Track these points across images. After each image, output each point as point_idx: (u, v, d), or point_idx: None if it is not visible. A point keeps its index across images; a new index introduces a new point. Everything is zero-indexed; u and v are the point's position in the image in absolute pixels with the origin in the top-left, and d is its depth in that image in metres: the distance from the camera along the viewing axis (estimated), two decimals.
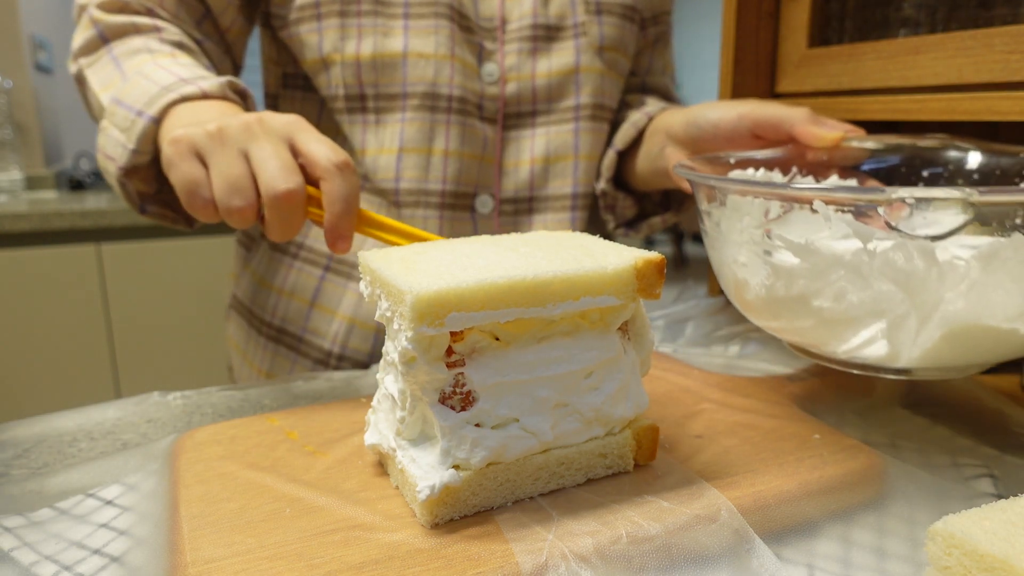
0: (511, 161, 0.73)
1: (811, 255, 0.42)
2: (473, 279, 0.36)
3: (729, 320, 0.78)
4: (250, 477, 0.43)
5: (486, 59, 0.70)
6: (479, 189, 0.72)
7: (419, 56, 0.67)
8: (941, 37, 0.61)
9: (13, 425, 0.56)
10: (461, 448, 0.38)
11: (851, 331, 0.43)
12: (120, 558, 0.38)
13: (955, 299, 0.39)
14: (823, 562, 0.38)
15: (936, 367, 0.45)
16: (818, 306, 0.43)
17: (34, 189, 2.16)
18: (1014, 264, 0.38)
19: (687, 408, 0.52)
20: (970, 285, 0.39)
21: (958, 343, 0.42)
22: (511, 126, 0.72)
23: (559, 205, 0.75)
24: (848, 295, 0.41)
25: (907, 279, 0.39)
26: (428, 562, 0.35)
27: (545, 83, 0.72)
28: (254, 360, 0.78)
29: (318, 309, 0.73)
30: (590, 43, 0.72)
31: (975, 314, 0.40)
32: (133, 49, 0.63)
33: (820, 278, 0.42)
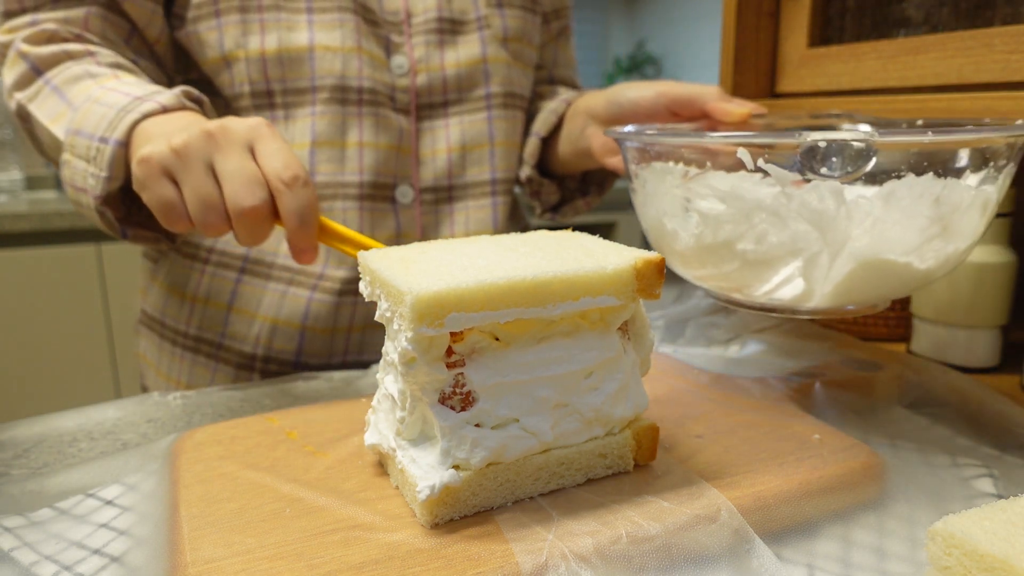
0: (428, 151, 0.73)
1: (736, 200, 0.46)
2: (473, 279, 0.36)
3: (729, 320, 0.78)
4: (250, 477, 0.43)
5: (394, 52, 0.71)
6: (398, 180, 0.72)
7: (325, 49, 0.67)
8: (941, 37, 0.61)
9: (13, 425, 0.56)
10: (461, 448, 0.38)
11: (771, 271, 0.47)
12: (120, 558, 0.38)
13: (861, 235, 0.44)
14: (823, 562, 0.38)
15: (843, 304, 0.49)
16: (742, 249, 0.47)
17: (34, 189, 2.16)
18: (908, 202, 0.44)
19: (687, 408, 0.52)
20: (873, 222, 0.44)
21: (863, 278, 0.46)
22: (425, 116, 0.73)
23: (479, 192, 0.76)
24: (769, 236, 0.46)
25: (820, 218, 0.44)
26: (428, 562, 0.35)
27: (455, 73, 0.73)
28: (170, 373, 0.76)
29: (236, 313, 0.72)
30: (494, 35, 0.74)
31: (877, 249, 0.45)
32: (73, 76, 0.62)
33: (744, 221, 0.46)
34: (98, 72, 0.62)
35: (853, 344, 0.69)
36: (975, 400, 0.56)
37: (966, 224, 0.46)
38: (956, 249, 0.46)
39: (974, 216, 0.46)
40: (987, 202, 0.46)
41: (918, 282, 0.48)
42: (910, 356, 0.66)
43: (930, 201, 0.44)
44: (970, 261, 0.62)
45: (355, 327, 0.72)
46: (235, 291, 0.72)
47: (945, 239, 0.45)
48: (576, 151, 0.76)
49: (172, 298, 0.75)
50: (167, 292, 0.76)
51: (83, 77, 0.62)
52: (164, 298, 0.76)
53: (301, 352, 0.72)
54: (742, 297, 0.52)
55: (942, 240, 0.45)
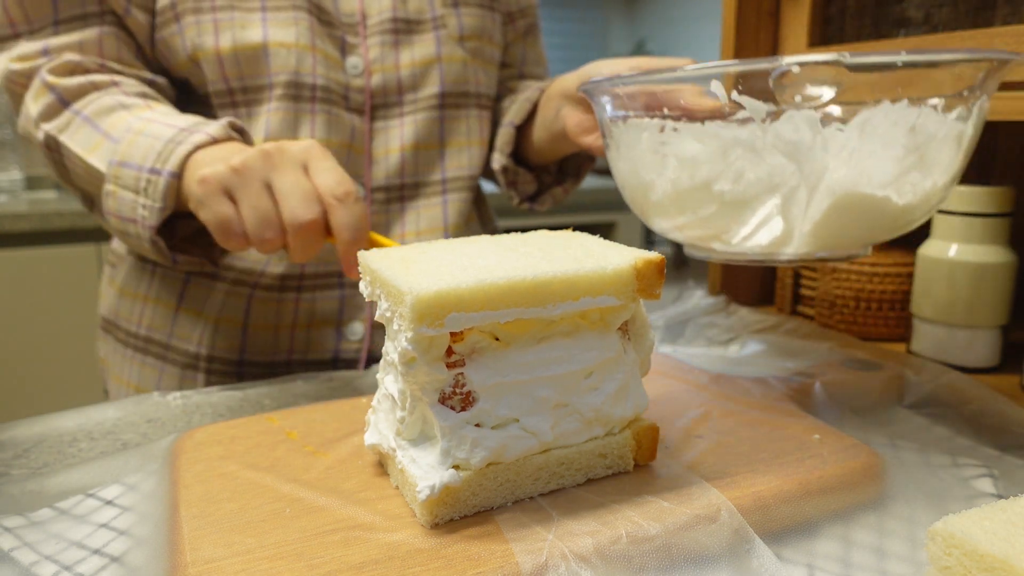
0: (381, 150, 0.74)
1: (712, 138, 0.46)
2: (473, 279, 0.36)
3: (729, 320, 0.78)
4: (250, 477, 0.43)
5: (349, 52, 0.71)
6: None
7: (280, 45, 0.68)
8: (941, 37, 0.61)
9: (13, 425, 0.56)
10: (461, 448, 0.38)
11: (749, 212, 0.47)
12: (120, 558, 0.38)
13: (838, 167, 0.44)
14: (823, 562, 0.38)
15: (822, 248, 0.48)
16: (719, 190, 0.47)
17: (34, 189, 2.16)
18: (884, 129, 0.43)
19: (687, 408, 0.52)
20: (850, 152, 0.43)
21: (842, 216, 0.46)
22: (379, 116, 0.73)
23: (430, 191, 0.76)
24: (746, 174, 0.45)
25: (796, 150, 0.44)
26: (428, 562, 0.35)
27: (409, 73, 0.74)
28: (122, 375, 0.76)
29: (183, 312, 0.72)
30: (449, 34, 0.75)
31: (855, 181, 0.44)
32: (105, 107, 0.63)
33: (720, 160, 0.46)
34: (130, 103, 0.63)
35: (853, 344, 0.69)
36: (975, 400, 0.56)
37: (943, 156, 0.45)
38: (934, 184, 0.46)
39: (950, 149, 0.45)
40: (962, 136, 0.45)
41: (897, 220, 0.48)
42: (910, 356, 0.66)
43: (905, 129, 0.43)
44: (970, 261, 0.62)
45: (299, 324, 0.72)
46: (183, 292, 0.73)
47: (922, 172, 0.45)
48: (551, 135, 0.75)
49: (124, 298, 0.76)
50: (119, 293, 0.76)
51: (116, 108, 0.63)
52: (117, 299, 0.77)
53: (245, 350, 0.72)
54: (721, 246, 0.51)
55: (919, 173, 0.45)
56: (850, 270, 0.73)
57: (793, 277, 0.80)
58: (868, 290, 0.72)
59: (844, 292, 0.73)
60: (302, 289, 0.72)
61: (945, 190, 0.48)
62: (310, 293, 0.72)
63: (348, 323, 0.74)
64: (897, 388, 0.59)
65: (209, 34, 0.67)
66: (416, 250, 0.44)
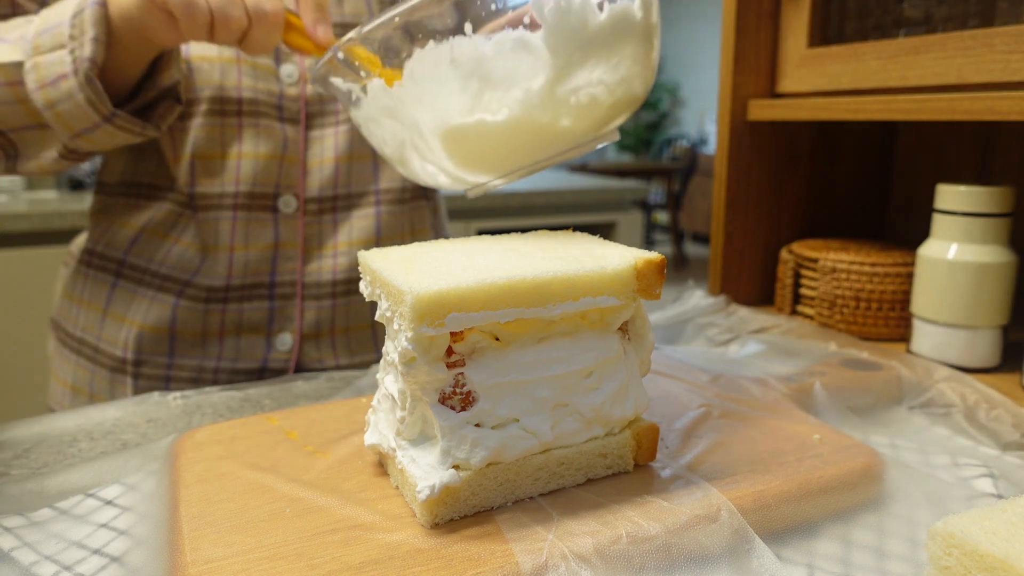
0: (315, 160, 0.73)
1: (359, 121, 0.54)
2: (473, 279, 0.36)
3: (729, 320, 0.78)
4: (250, 477, 0.43)
5: (284, 60, 0.71)
6: (281, 189, 0.72)
7: (202, 60, 0.67)
8: (941, 37, 0.61)
9: (13, 425, 0.56)
10: (461, 448, 0.38)
11: (409, 161, 0.53)
12: (120, 558, 0.38)
13: (422, 112, 0.48)
14: (823, 562, 0.38)
15: (475, 175, 0.52)
16: (388, 154, 0.54)
17: (34, 189, 2.16)
18: (429, 72, 0.46)
19: (687, 408, 0.52)
20: (418, 100, 0.47)
21: (460, 145, 0.49)
22: (315, 125, 0.73)
23: (364, 202, 0.76)
24: (385, 136, 0.52)
25: (392, 111, 0.49)
26: (428, 562, 0.35)
27: None
28: (59, 373, 0.76)
29: (111, 317, 0.72)
30: None
31: (443, 117, 0.47)
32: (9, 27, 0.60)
33: (367, 132, 0.54)
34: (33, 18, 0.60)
35: (853, 344, 0.69)
36: (975, 400, 0.56)
37: (512, 68, 0.45)
38: (527, 91, 0.46)
39: (519, 56, 0.45)
40: (523, 40, 0.45)
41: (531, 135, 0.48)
42: (910, 356, 0.66)
43: (447, 65, 0.46)
44: (970, 261, 0.62)
45: (227, 332, 0.72)
46: (111, 295, 0.72)
47: (499, 89, 0.46)
48: None
49: (64, 300, 0.76)
50: (62, 295, 0.77)
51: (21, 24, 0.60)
52: (60, 300, 0.77)
53: (173, 355, 0.72)
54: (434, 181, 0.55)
55: (496, 91, 0.46)
56: (850, 270, 0.73)
57: (793, 277, 0.81)
58: (868, 290, 0.72)
59: (844, 292, 0.73)
60: (228, 300, 0.72)
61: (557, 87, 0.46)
62: (236, 304, 0.72)
63: (278, 333, 0.74)
64: (897, 388, 0.59)
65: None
66: (416, 250, 0.44)
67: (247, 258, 0.71)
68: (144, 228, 0.72)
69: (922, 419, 0.55)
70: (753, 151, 0.82)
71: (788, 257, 0.81)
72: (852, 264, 0.73)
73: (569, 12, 0.45)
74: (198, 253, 0.71)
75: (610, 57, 0.47)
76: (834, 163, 0.88)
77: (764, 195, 0.85)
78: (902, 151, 0.90)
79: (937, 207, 0.65)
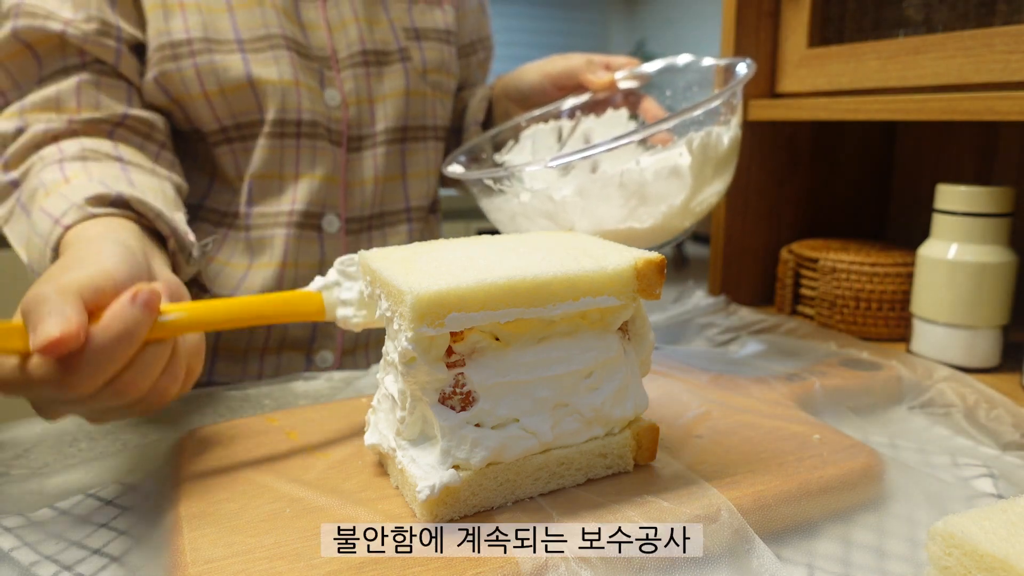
0: (356, 181, 0.76)
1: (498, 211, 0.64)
2: (473, 279, 0.36)
3: (729, 320, 0.78)
4: (250, 477, 0.43)
5: (327, 85, 0.73)
6: (326, 209, 0.74)
7: (265, 83, 0.68)
8: (941, 37, 0.61)
9: (13, 425, 0.56)
10: (461, 448, 0.38)
11: None
12: (120, 558, 0.38)
13: (581, 219, 0.59)
14: (823, 562, 0.38)
15: None
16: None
17: None
18: (596, 190, 0.57)
19: (687, 408, 0.52)
20: (581, 210, 0.58)
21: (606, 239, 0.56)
22: (354, 148, 0.75)
23: (396, 219, 0.80)
24: (531, 227, 0.61)
25: (548, 214, 0.59)
26: (428, 562, 0.35)
27: (382, 105, 0.76)
28: None
29: None
30: (414, 67, 0.78)
31: (599, 223, 0.59)
32: (30, 191, 0.58)
33: (511, 223, 0.64)
34: (49, 181, 0.57)
35: (853, 344, 0.69)
36: (975, 400, 0.56)
37: (667, 188, 0.58)
38: (670, 207, 0.58)
39: (669, 181, 0.58)
40: (677, 168, 0.57)
41: (655, 234, 0.60)
42: (910, 356, 0.66)
43: (615, 187, 0.57)
44: (970, 261, 0.62)
45: (269, 349, 0.73)
46: None
47: (651, 205, 0.58)
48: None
49: None
50: None
51: (38, 189, 0.57)
52: None
53: (213, 373, 0.73)
54: None
55: (648, 207, 0.58)
56: (850, 270, 0.73)
57: (793, 277, 0.81)
58: (868, 290, 0.72)
59: (844, 292, 0.73)
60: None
61: (692, 202, 0.59)
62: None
63: (318, 351, 0.75)
64: (897, 388, 0.59)
65: (193, 80, 0.66)
66: (416, 250, 0.44)
67: (296, 275, 0.73)
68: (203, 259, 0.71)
69: (922, 419, 0.55)
70: (753, 151, 0.82)
71: (788, 257, 0.81)
72: (852, 264, 0.73)
73: (708, 145, 0.58)
74: (246, 271, 0.72)
75: (726, 172, 0.62)
76: (834, 163, 0.88)
77: (764, 195, 0.85)
78: (902, 151, 0.90)
79: (937, 207, 0.65)
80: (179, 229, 0.56)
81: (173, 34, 0.66)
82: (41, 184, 0.57)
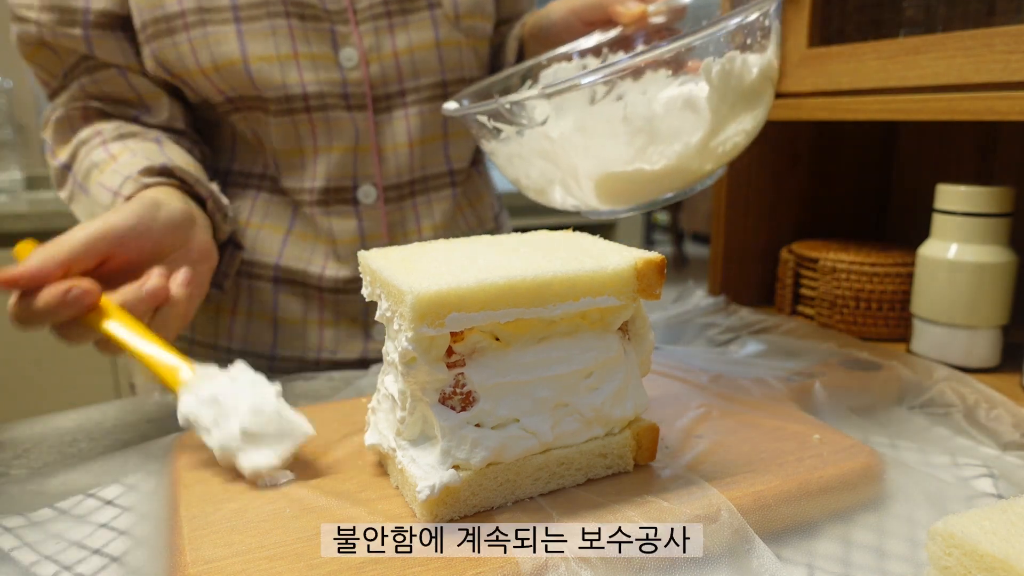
0: (389, 146, 0.71)
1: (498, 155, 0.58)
2: (473, 279, 0.36)
3: (729, 320, 0.78)
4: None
5: (342, 44, 0.67)
6: (359, 180, 0.71)
7: (260, 60, 0.65)
8: (941, 37, 0.61)
9: (13, 425, 0.56)
10: (461, 448, 0.38)
11: (550, 193, 0.57)
12: (120, 558, 0.38)
13: (582, 160, 0.52)
14: (823, 562, 0.38)
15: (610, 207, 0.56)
16: (523, 184, 0.58)
17: (34, 189, 2.16)
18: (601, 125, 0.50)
19: (687, 408, 0.52)
20: (583, 149, 0.51)
21: (614, 185, 0.53)
22: (382, 109, 0.70)
23: (439, 183, 0.75)
24: (529, 172, 0.56)
25: (547, 155, 0.53)
26: (428, 562, 0.35)
27: (408, 59, 0.70)
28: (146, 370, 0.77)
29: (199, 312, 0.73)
30: (445, 14, 0.71)
31: (604, 165, 0.51)
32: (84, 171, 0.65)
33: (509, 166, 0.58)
34: (99, 160, 0.64)
35: (853, 344, 0.69)
36: (975, 400, 0.56)
37: (677, 125, 0.50)
38: (686, 145, 0.50)
39: (684, 116, 0.50)
40: (691, 100, 0.50)
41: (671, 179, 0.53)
42: (910, 356, 0.66)
43: (619, 122, 0.50)
44: (970, 261, 0.62)
45: (326, 322, 0.73)
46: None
47: (662, 143, 0.50)
48: None
49: None
50: None
51: (91, 170, 0.64)
52: None
53: (276, 345, 0.73)
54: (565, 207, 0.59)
55: (659, 145, 0.50)
56: (850, 270, 0.73)
57: (793, 277, 0.81)
58: (868, 290, 0.72)
59: (844, 292, 0.73)
60: (323, 290, 0.72)
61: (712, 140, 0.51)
62: (332, 295, 0.72)
63: (374, 324, 0.74)
64: (897, 388, 0.59)
65: (188, 55, 0.64)
66: (416, 250, 0.44)
67: (337, 251, 0.71)
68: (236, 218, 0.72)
69: (922, 419, 0.55)
70: (753, 151, 0.82)
71: (788, 257, 0.81)
72: (852, 264, 0.73)
73: (731, 74, 0.49)
74: (285, 236, 0.72)
75: (756, 108, 0.53)
76: (834, 163, 0.88)
77: (764, 195, 0.85)
78: (902, 151, 0.89)
79: (937, 207, 0.65)
80: (214, 191, 0.62)
81: (167, 6, 0.63)
82: (92, 164, 0.64)
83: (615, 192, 0.53)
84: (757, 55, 0.51)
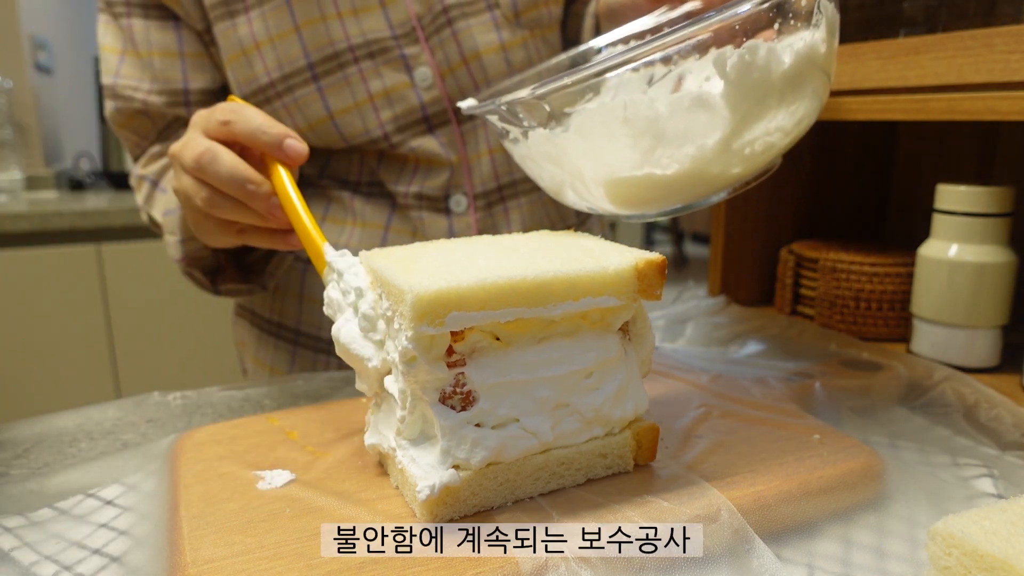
0: (474, 155, 0.72)
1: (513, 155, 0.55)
2: (473, 279, 0.36)
3: (729, 320, 0.78)
4: (250, 477, 0.43)
5: (415, 65, 0.69)
6: (451, 190, 0.72)
7: (343, 113, 0.68)
8: (941, 37, 0.61)
9: (13, 425, 0.56)
10: (461, 448, 0.38)
11: (563, 196, 0.54)
12: (120, 558, 0.38)
13: (587, 164, 0.48)
14: (823, 562, 0.38)
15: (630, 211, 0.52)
16: (544, 185, 0.55)
17: (34, 189, 2.16)
18: (598, 130, 0.46)
19: (687, 408, 0.52)
20: (584, 152, 0.47)
21: (626, 190, 0.49)
22: (463, 119, 0.72)
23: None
24: (542, 174, 0.53)
25: (552, 158, 0.50)
26: (428, 562, 0.35)
27: (478, 65, 0.71)
28: (259, 356, 0.80)
29: (308, 302, 0.75)
30: (504, 15, 0.70)
31: (609, 170, 0.47)
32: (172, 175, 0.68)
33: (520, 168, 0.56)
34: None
35: (853, 344, 0.69)
36: (975, 400, 0.56)
37: (686, 126, 0.44)
38: (702, 147, 0.44)
39: (693, 116, 0.44)
40: (701, 98, 0.44)
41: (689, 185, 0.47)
42: (910, 356, 0.66)
43: (618, 123, 0.44)
44: (970, 261, 0.62)
45: None
46: (303, 280, 0.75)
47: (671, 145, 0.44)
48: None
49: None
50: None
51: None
52: None
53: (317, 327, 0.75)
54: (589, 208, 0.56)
55: (668, 148, 0.45)
56: (850, 270, 0.73)
57: (793, 277, 0.81)
58: (868, 290, 0.72)
59: (844, 292, 0.73)
60: None
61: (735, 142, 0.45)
62: None
63: None
64: (897, 388, 0.59)
65: (286, 119, 0.69)
66: (417, 250, 0.44)
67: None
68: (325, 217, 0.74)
69: (922, 419, 0.55)
70: None
71: (788, 257, 0.81)
72: (852, 264, 0.73)
73: (752, 66, 0.43)
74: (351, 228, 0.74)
75: (791, 103, 0.45)
76: (834, 163, 0.88)
77: (764, 195, 0.85)
78: (902, 151, 0.89)
79: (937, 207, 0.65)
80: None
81: (259, 79, 0.68)
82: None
83: (630, 198, 0.50)
84: (792, 41, 0.44)
